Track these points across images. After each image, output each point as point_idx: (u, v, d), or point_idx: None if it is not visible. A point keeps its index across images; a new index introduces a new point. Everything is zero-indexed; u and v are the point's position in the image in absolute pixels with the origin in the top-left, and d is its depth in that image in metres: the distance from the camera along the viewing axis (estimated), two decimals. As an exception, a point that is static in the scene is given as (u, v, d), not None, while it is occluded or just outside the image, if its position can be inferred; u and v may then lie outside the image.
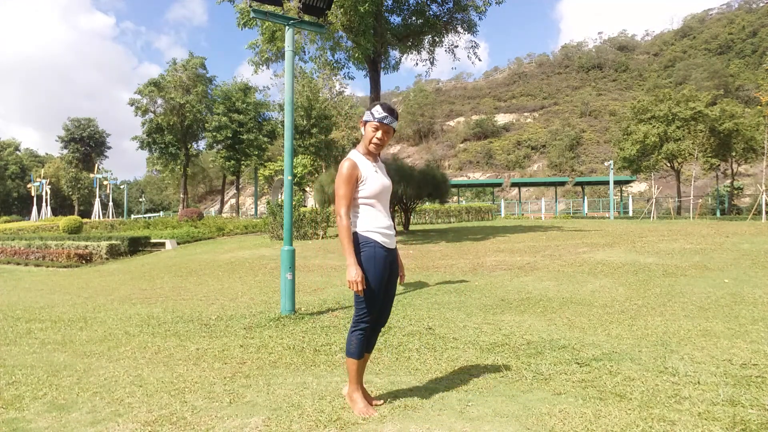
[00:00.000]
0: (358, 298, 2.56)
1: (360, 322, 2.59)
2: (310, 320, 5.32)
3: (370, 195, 2.57)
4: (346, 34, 13.25)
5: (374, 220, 2.58)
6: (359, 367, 2.64)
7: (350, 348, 2.61)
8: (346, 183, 2.51)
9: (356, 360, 2.60)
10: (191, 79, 38.24)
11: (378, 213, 2.60)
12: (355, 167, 2.54)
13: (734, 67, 77.78)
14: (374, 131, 2.59)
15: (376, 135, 2.59)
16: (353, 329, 2.61)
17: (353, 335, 2.60)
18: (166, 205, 71.13)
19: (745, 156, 33.60)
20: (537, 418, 2.44)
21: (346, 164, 2.53)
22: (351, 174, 2.52)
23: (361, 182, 2.55)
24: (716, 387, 2.81)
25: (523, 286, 6.62)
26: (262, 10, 6.49)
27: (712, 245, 9.21)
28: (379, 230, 2.58)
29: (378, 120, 2.57)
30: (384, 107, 2.59)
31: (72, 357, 4.24)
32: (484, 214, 28.04)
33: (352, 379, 2.64)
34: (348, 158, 2.57)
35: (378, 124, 2.58)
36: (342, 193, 2.51)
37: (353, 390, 2.65)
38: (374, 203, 2.59)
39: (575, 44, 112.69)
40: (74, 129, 59.48)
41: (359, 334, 2.59)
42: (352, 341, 2.60)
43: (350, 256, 2.47)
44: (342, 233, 2.50)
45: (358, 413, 2.56)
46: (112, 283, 10.25)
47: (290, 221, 5.98)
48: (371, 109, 2.61)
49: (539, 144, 77.29)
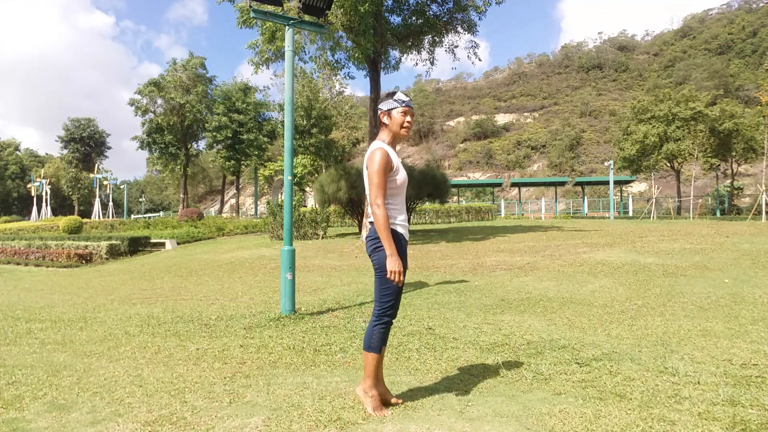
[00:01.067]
0: (385, 291, 2.54)
1: (383, 315, 2.57)
2: (310, 320, 5.32)
3: (398, 185, 2.57)
4: (346, 34, 13.25)
5: (398, 212, 2.59)
6: (378, 362, 2.61)
7: (371, 342, 2.58)
8: (382, 172, 2.48)
9: (376, 354, 2.58)
10: (191, 79, 38.23)
11: (399, 205, 2.61)
12: (389, 156, 2.52)
13: (734, 67, 77.77)
14: (403, 115, 2.61)
15: (406, 119, 2.61)
16: (376, 323, 2.58)
17: (376, 328, 2.57)
18: (166, 205, 71.12)
19: (745, 156, 33.60)
20: (537, 418, 2.44)
21: (378, 153, 2.50)
22: (388, 163, 2.50)
23: (393, 172, 2.54)
24: (716, 387, 2.81)
25: (523, 286, 6.62)
26: (262, 10, 6.49)
27: (712, 245, 9.20)
28: (402, 222, 2.58)
29: (406, 104, 2.61)
30: (403, 92, 2.65)
31: (72, 357, 4.24)
32: (484, 214, 28.04)
33: (369, 374, 2.61)
34: (379, 147, 2.54)
35: (406, 108, 2.61)
36: (378, 182, 2.48)
37: (369, 386, 2.61)
38: (399, 194, 2.60)
39: (575, 44, 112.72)
40: (74, 129, 59.47)
41: (382, 327, 2.58)
42: (374, 335, 2.57)
43: (391, 246, 2.45)
44: (381, 223, 2.46)
45: (370, 411, 2.54)
46: (112, 283, 10.25)
47: (290, 221, 5.98)
48: (392, 98, 2.63)
49: (539, 144, 77.27)
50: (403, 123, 2.60)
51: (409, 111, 2.62)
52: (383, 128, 2.65)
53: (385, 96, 2.68)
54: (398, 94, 2.64)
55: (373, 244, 2.55)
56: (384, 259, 2.48)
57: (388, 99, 2.64)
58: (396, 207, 2.59)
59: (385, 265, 2.47)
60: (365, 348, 2.61)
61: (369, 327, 2.62)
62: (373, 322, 2.60)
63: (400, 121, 2.60)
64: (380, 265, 2.52)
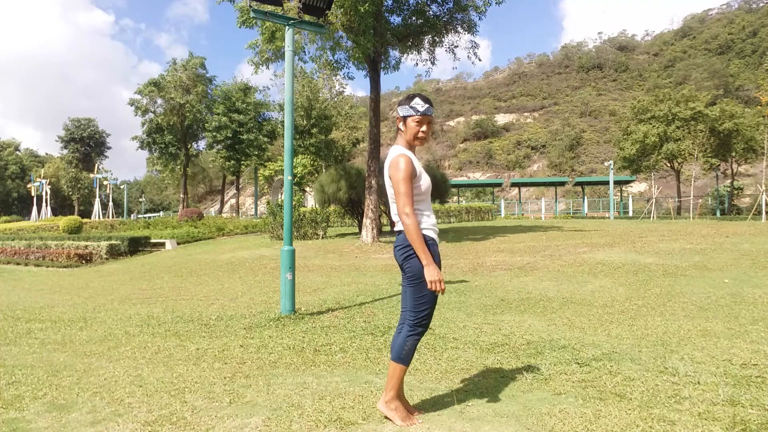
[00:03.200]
0: (421, 300, 2.41)
1: (418, 326, 2.44)
2: (310, 320, 5.32)
3: (424, 191, 2.47)
4: (346, 34, 13.24)
5: (428, 217, 2.48)
6: (404, 374, 2.48)
7: (402, 353, 2.43)
8: (408, 180, 2.37)
9: (405, 367, 2.45)
10: (191, 79, 38.19)
11: (427, 210, 2.50)
12: (412, 163, 2.40)
13: (734, 67, 77.78)
14: (418, 125, 2.46)
15: (421, 129, 2.47)
16: (410, 333, 2.44)
17: (410, 339, 2.44)
18: (166, 205, 71.10)
19: (745, 156, 33.60)
20: (537, 418, 2.44)
21: (402, 160, 2.39)
22: (411, 170, 2.39)
23: (417, 178, 2.43)
24: (716, 387, 2.81)
25: (523, 286, 6.62)
26: (262, 10, 6.48)
27: (712, 245, 9.20)
28: (431, 226, 2.48)
29: (422, 113, 2.45)
30: (423, 98, 2.47)
31: (72, 357, 4.24)
32: (484, 214, 28.04)
33: (393, 386, 2.46)
34: (402, 154, 2.42)
35: (421, 117, 2.46)
36: (405, 190, 2.36)
37: (391, 398, 2.46)
38: (424, 199, 2.49)
39: (575, 44, 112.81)
40: (74, 129, 59.51)
41: (416, 338, 2.45)
42: (406, 345, 2.43)
43: (427, 255, 2.33)
44: (413, 233, 2.34)
45: (400, 423, 2.40)
46: (112, 283, 10.25)
47: (290, 221, 5.98)
48: (410, 103, 2.47)
49: (539, 144, 77.31)
50: (417, 133, 2.47)
51: (425, 120, 2.47)
52: (399, 134, 2.53)
53: (404, 99, 2.53)
54: (416, 99, 2.47)
55: (404, 252, 2.42)
56: (419, 267, 2.36)
57: (406, 104, 2.49)
58: (424, 212, 2.48)
59: (420, 274, 2.36)
60: (395, 359, 2.45)
61: (401, 337, 2.47)
62: (406, 332, 2.45)
63: (414, 132, 2.47)
64: (415, 274, 2.39)
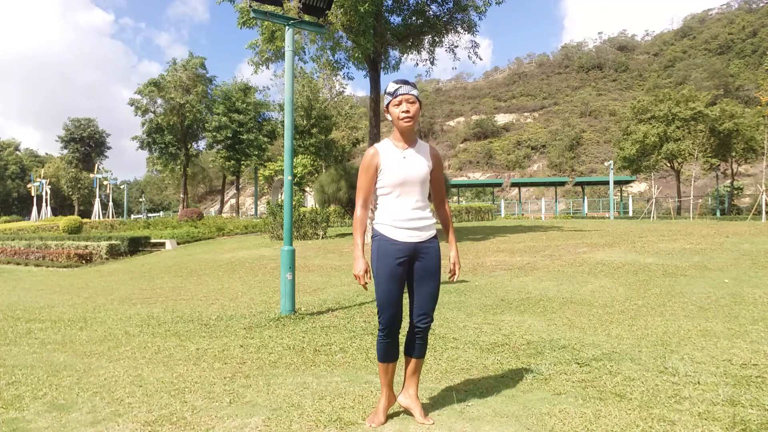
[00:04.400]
0: (376, 297, 2.45)
1: (379, 323, 2.46)
2: (310, 320, 5.32)
3: (387, 185, 2.42)
4: (346, 34, 13.24)
5: (390, 211, 2.42)
6: (381, 372, 2.51)
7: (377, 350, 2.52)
8: (363, 173, 2.44)
9: (379, 363, 2.50)
10: (191, 79, 38.20)
11: (398, 204, 2.42)
12: (375, 156, 2.43)
13: (734, 67, 77.79)
14: (397, 107, 2.43)
15: (401, 110, 2.41)
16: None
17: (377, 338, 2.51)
18: (166, 205, 71.09)
19: (745, 156, 33.61)
20: (537, 418, 2.44)
21: (368, 153, 2.46)
22: (369, 164, 2.43)
23: (380, 171, 2.43)
24: (716, 387, 2.81)
25: (523, 286, 6.62)
26: (262, 10, 6.48)
27: (712, 245, 9.20)
28: (392, 222, 2.40)
29: (393, 94, 2.42)
30: (396, 81, 2.46)
31: (72, 357, 4.24)
32: (484, 214, 28.03)
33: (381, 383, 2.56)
34: (373, 146, 2.49)
35: (396, 99, 2.42)
36: (359, 183, 2.45)
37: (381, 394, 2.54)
38: (395, 194, 2.42)
39: (575, 44, 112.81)
40: (74, 129, 59.49)
41: (378, 335, 2.47)
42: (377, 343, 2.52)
43: (356, 248, 2.39)
44: (354, 225, 2.43)
45: (368, 423, 2.45)
46: (112, 283, 10.25)
47: (290, 221, 5.98)
48: (386, 92, 2.47)
49: (539, 144, 77.33)
50: (398, 115, 2.42)
51: (404, 99, 2.40)
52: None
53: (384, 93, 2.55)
54: (389, 84, 2.46)
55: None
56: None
57: (385, 95, 2.50)
58: (391, 206, 2.43)
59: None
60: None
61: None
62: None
63: (396, 114, 2.44)
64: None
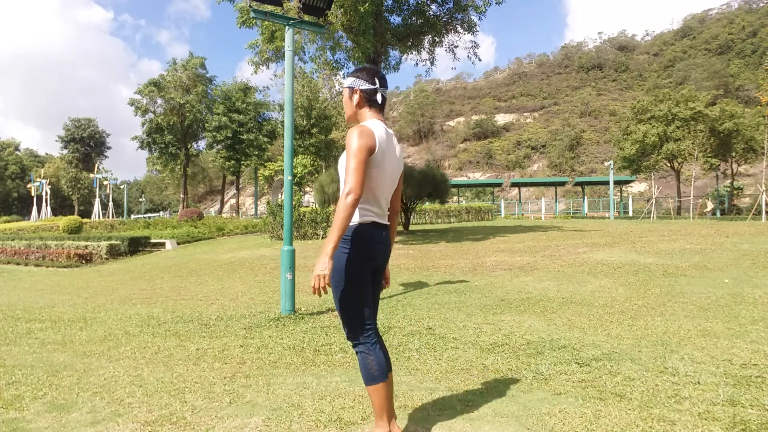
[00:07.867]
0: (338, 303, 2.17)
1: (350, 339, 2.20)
2: (310, 320, 5.32)
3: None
4: (346, 34, 13.25)
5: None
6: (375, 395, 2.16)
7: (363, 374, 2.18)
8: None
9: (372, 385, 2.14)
10: (191, 79, 38.25)
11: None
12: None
13: (734, 67, 77.79)
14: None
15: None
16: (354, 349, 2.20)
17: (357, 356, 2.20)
18: (166, 205, 71.10)
19: (745, 156, 33.64)
20: (537, 418, 2.44)
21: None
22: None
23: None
24: (716, 387, 2.81)
25: (523, 286, 6.62)
26: (262, 10, 6.48)
27: (712, 245, 9.20)
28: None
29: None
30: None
31: (72, 357, 4.24)
32: (484, 214, 28.04)
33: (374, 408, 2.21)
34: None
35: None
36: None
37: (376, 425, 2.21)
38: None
39: (575, 44, 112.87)
40: (74, 129, 59.51)
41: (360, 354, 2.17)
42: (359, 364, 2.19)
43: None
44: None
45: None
46: (112, 283, 10.25)
47: (290, 221, 5.98)
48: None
49: (539, 144, 77.35)
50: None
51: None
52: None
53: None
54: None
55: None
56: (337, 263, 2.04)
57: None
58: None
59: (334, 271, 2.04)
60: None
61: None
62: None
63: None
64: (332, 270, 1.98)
